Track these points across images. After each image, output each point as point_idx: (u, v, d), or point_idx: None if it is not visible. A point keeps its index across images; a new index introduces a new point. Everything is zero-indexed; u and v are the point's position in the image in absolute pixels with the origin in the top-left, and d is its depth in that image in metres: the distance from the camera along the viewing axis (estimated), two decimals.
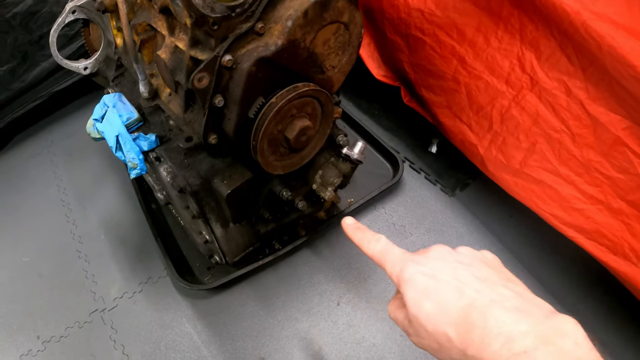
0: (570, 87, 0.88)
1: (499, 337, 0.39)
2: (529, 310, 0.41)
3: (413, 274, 0.47)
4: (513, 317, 0.40)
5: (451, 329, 0.42)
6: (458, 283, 0.44)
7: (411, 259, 0.49)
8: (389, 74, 1.30)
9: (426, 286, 0.45)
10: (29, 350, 1.07)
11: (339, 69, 0.84)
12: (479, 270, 0.46)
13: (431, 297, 0.44)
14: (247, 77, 0.70)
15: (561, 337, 0.38)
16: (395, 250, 0.51)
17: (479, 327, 0.40)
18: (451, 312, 0.43)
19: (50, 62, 1.42)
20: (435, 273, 0.46)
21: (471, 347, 0.40)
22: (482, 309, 0.41)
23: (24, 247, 1.26)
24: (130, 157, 0.87)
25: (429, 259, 0.48)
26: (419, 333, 0.46)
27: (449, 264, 0.47)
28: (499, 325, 0.39)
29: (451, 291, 0.44)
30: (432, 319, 0.44)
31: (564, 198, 0.95)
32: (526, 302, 0.42)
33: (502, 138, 1.03)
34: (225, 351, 1.02)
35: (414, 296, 0.45)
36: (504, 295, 0.42)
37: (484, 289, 0.43)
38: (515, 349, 0.37)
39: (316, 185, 0.98)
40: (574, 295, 1.09)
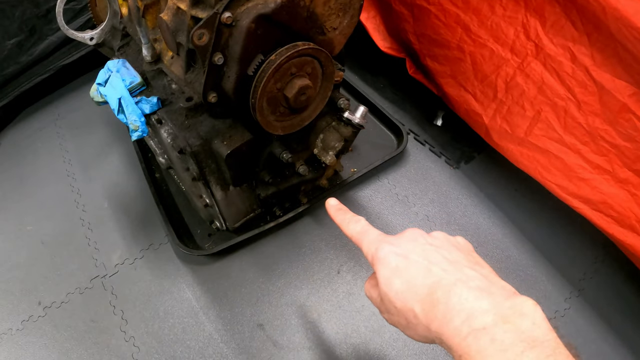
0: (575, 53, 0.87)
1: (461, 313, 0.41)
2: (491, 291, 0.42)
3: (386, 253, 0.49)
4: (475, 296, 0.42)
5: (417, 306, 0.44)
6: (427, 263, 0.46)
7: (386, 240, 0.51)
8: (395, 46, 1.29)
9: (397, 265, 0.47)
10: (30, 316, 1.08)
11: (340, 31, 0.84)
12: (449, 252, 0.48)
13: (401, 275, 0.47)
14: (247, 34, 0.70)
15: (520, 317, 0.39)
16: (373, 231, 0.54)
17: (443, 304, 0.42)
18: (418, 290, 0.45)
19: (57, 36, 1.43)
20: (407, 253, 0.48)
21: (434, 323, 0.42)
22: (447, 287, 0.43)
23: (29, 216, 1.27)
24: (132, 119, 0.87)
25: (402, 240, 0.51)
26: (389, 310, 0.49)
27: (420, 245, 0.49)
28: (461, 302, 0.41)
29: (420, 270, 0.46)
30: (401, 295, 0.46)
31: (570, 168, 0.94)
32: (490, 283, 0.44)
33: (507, 107, 1.01)
34: (224, 317, 1.03)
35: (385, 274, 0.48)
36: (469, 275, 0.44)
37: (450, 269, 0.45)
38: (475, 325, 0.39)
39: (317, 150, 0.98)
40: (580, 270, 1.07)
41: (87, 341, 1.02)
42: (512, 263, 1.08)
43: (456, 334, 0.40)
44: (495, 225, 1.14)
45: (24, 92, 1.47)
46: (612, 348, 0.96)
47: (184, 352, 0.99)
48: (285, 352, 0.97)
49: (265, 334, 1.00)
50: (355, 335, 0.99)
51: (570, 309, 1.01)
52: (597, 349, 0.96)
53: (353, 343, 0.97)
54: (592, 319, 1.00)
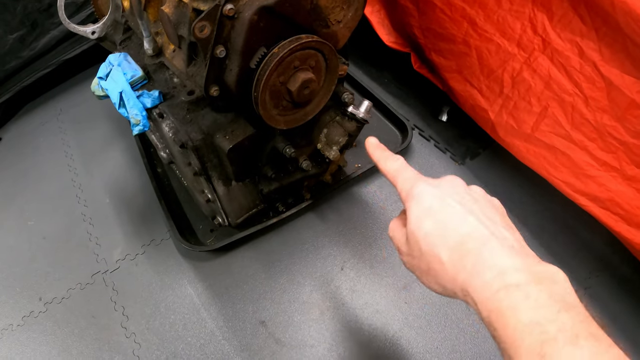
0: (583, 48, 0.85)
1: (493, 268, 0.39)
2: (525, 253, 0.41)
3: (422, 191, 0.46)
4: (508, 253, 0.40)
5: (445, 252, 0.42)
6: (463, 210, 0.44)
7: (424, 179, 0.49)
8: (399, 40, 1.28)
9: (431, 205, 0.45)
10: (31, 312, 1.07)
11: (344, 24, 0.83)
12: (486, 208, 0.46)
13: (434, 216, 0.44)
14: (249, 27, 0.69)
15: (552, 282, 0.38)
16: (410, 170, 0.51)
17: (474, 255, 0.40)
18: (450, 236, 0.42)
19: (59, 30, 1.42)
20: (444, 195, 0.45)
21: (462, 274, 0.40)
22: (480, 239, 0.41)
23: (30, 211, 1.27)
24: (133, 113, 0.86)
25: (441, 182, 0.48)
26: (412, 251, 0.46)
27: (459, 192, 0.47)
28: (493, 257, 0.39)
29: (455, 215, 0.43)
30: (429, 238, 0.43)
31: (577, 164, 0.93)
32: (522, 247, 0.42)
33: (513, 102, 1.00)
34: (225, 314, 1.02)
35: (417, 212, 0.45)
36: (504, 235, 0.42)
37: (487, 223, 0.43)
38: (508, 281, 0.37)
39: (321, 145, 0.97)
40: (586, 268, 1.06)
41: (88, 337, 1.02)
42: None
43: (486, 288, 0.38)
44: None
45: (26, 86, 1.47)
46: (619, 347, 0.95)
47: (185, 349, 0.98)
48: (288, 349, 0.97)
49: (267, 331, 0.99)
50: (358, 332, 0.98)
51: None
52: None
53: (356, 341, 0.96)
54: (598, 317, 0.97)
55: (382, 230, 1.12)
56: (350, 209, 1.16)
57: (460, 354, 0.94)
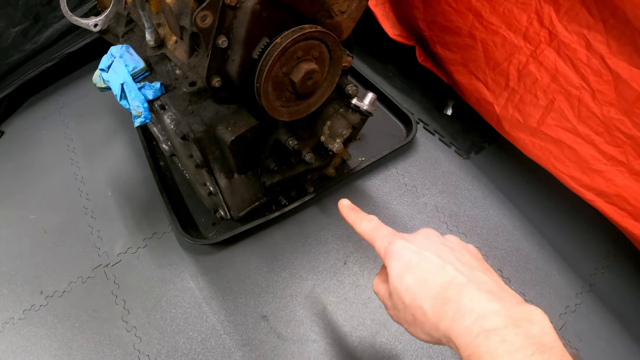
0: (590, 40, 0.84)
1: (472, 313, 0.40)
2: (502, 296, 0.42)
3: (399, 247, 0.49)
4: (487, 298, 0.41)
5: (427, 303, 0.44)
6: (440, 261, 0.46)
7: (400, 235, 0.51)
8: (404, 33, 1.26)
9: (410, 260, 0.47)
10: (32, 305, 1.07)
11: (348, 15, 0.81)
12: (462, 255, 0.48)
13: (413, 270, 0.46)
14: (251, 16, 0.68)
15: (529, 323, 0.39)
16: (385, 228, 0.54)
17: (454, 303, 0.42)
18: (430, 287, 0.44)
19: (62, 24, 1.41)
20: (421, 250, 0.48)
21: (444, 321, 0.42)
22: (459, 286, 0.43)
23: (32, 205, 1.26)
24: (135, 105, 0.86)
25: (416, 237, 0.50)
26: (397, 305, 0.48)
27: (435, 243, 0.49)
28: (473, 302, 0.41)
29: (433, 267, 0.46)
30: (412, 291, 0.45)
31: (583, 159, 0.91)
32: (501, 289, 0.44)
33: (519, 96, 0.99)
34: (227, 308, 1.01)
35: (397, 268, 0.47)
36: (482, 279, 0.44)
37: (464, 270, 0.45)
38: (486, 326, 0.39)
39: (324, 137, 0.96)
40: (591, 264, 1.05)
41: (89, 331, 1.01)
42: (522, 256, 1.05)
43: (466, 333, 0.40)
44: (505, 217, 1.11)
45: (29, 80, 1.46)
46: (624, 345, 0.94)
47: (186, 343, 0.97)
48: (289, 344, 0.96)
49: (269, 326, 0.98)
50: (361, 328, 0.97)
51: (582, 304, 0.99)
52: (608, 345, 0.94)
53: (359, 336, 0.96)
54: (604, 315, 0.98)
55: (385, 224, 1.10)
56: (354, 203, 1.14)
57: None
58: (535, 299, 0.99)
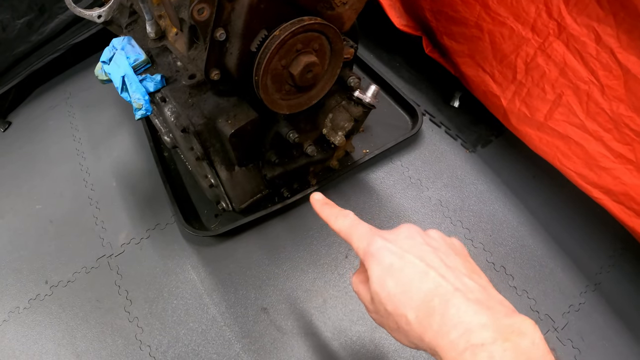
0: (600, 34, 0.82)
1: (458, 326, 0.38)
2: (491, 305, 0.40)
3: (379, 249, 0.45)
4: (474, 309, 0.39)
5: (411, 312, 0.41)
6: (424, 265, 0.43)
7: (379, 234, 0.47)
8: (411, 23, 1.24)
9: (391, 264, 0.44)
10: (37, 295, 1.08)
11: (350, 5, 0.80)
12: (446, 256, 0.45)
13: (395, 276, 0.43)
14: (249, 9, 0.66)
15: (519, 336, 0.37)
16: (363, 225, 0.50)
17: (439, 314, 0.39)
18: (413, 295, 0.41)
19: (67, 15, 1.41)
20: (403, 252, 0.44)
21: (429, 333, 0.40)
22: (445, 296, 0.40)
23: (38, 195, 1.27)
24: (136, 97, 0.85)
25: (397, 236, 0.46)
26: (379, 311, 0.45)
27: (417, 244, 0.45)
28: (459, 314, 0.39)
29: (416, 273, 0.42)
30: (394, 298, 0.42)
31: (591, 155, 0.89)
32: (489, 296, 0.41)
33: (526, 89, 0.96)
34: (228, 300, 1.01)
35: (378, 273, 0.44)
36: (468, 286, 0.41)
37: (449, 276, 0.42)
38: (473, 340, 0.37)
39: (326, 130, 0.94)
40: (597, 263, 1.03)
41: (92, 320, 1.02)
42: (527, 253, 1.04)
43: (452, 348, 0.38)
44: (510, 212, 1.10)
45: (36, 71, 1.46)
46: (627, 346, 0.92)
47: (186, 334, 0.98)
48: (289, 337, 0.96)
49: (269, 318, 0.98)
50: (361, 322, 0.96)
51: (586, 303, 0.97)
52: (611, 346, 0.92)
53: (358, 330, 0.95)
54: (608, 315, 0.96)
55: (388, 217, 1.10)
56: (357, 196, 1.14)
57: None
58: (538, 297, 0.98)
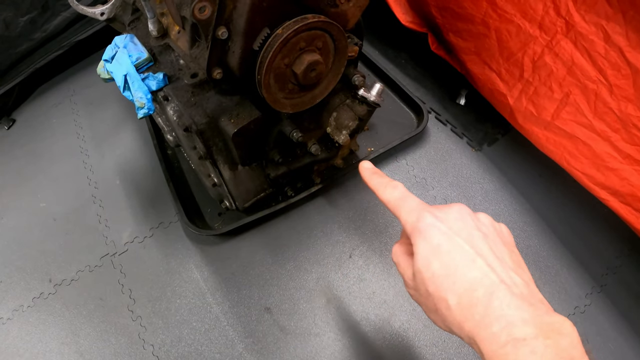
0: (608, 32, 0.80)
1: (501, 319, 0.38)
2: (533, 302, 0.39)
3: (428, 226, 0.44)
4: (517, 304, 0.38)
5: (453, 298, 0.41)
6: (473, 252, 0.42)
7: (429, 210, 0.46)
8: (416, 20, 1.22)
9: (439, 244, 0.43)
10: (41, 293, 1.08)
11: (354, 3, 0.78)
12: (495, 244, 0.44)
13: (442, 258, 0.42)
14: (251, 7, 0.65)
15: (559, 335, 0.37)
16: (413, 198, 0.49)
17: (482, 305, 0.39)
18: (457, 281, 0.41)
19: (70, 12, 1.40)
20: (452, 234, 0.43)
21: (469, 322, 0.40)
22: (490, 287, 0.40)
23: (42, 193, 1.27)
24: (138, 96, 0.85)
25: (447, 215, 0.45)
26: (419, 289, 0.45)
27: (467, 228, 0.44)
28: (502, 308, 0.38)
29: (463, 258, 0.42)
30: (437, 280, 0.42)
31: (598, 156, 0.88)
32: (531, 293, 0.41)
33: (533, 88, 0.95)
34: (231, 299, 1.01)
35: (424, 251, 0.43)
36: (514, 280, 0.41)
37: (496, 266, 0.41)
38: (515, 334, 0.37)
39: (330, 129, 0.94)
40: (603, 264, 1.02)
41: (95, 319, 1.02)
42: (533, 253, 1.03)
43: (493, 341, 0.38)
44: (516, 212, 1.09)
45: (39, 68, 1.46)
46: (632, 348, 0.91)
47: (189, 334, 0.98)
48: (292, 337, 0.95)
49: (272, 318, 0.98)
50: (364, 322, 0.96)
51: (591, 305, 0.96)
52: (616, 348, 0.91)
53: (362, 331, 0.95)
54: (613, 317, 0.95)
55: (392, 218, 1.09)
56: (361, 195, 1.13)
57: (467, 347, 0.91)
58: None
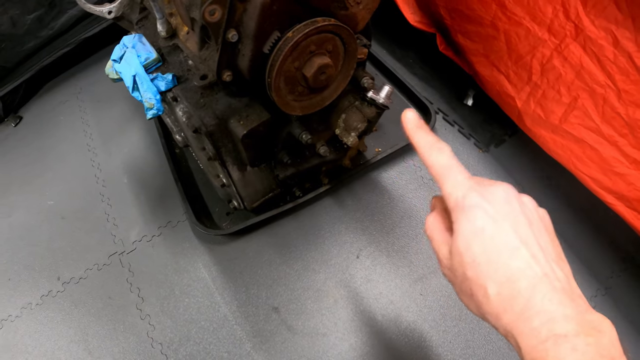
0: (618, 37, 0.80)
1: (542, 314, 0.36)
2: (574, 298, 0.38)
3: (474, 205, 0.41)
4: (559, 299, 0.37)
5: (493, 287, 0.39)
6: (517, 240, 0.40)
7: (476, 188, 0.43)
8: (425, 20, 1.22)
9: (484, 227, 0.40)
10: (49, 291, 1.09)
11: (364, 5, 0.78)
12: (539, 233, 0.41)
13: (485, 242, 0.40)
14: (262, 10, 0.65)
15: (599, 333, 0.36)
16: (460, 170, 0.45)
17: (524, 298, 0.37)
18: (499, 269, 0.39)
19: (77, 10, 1.41)
20: (498, 217, 0.41)
21: (508, 315, 0.38)
22: (532, 279, 0.38)
23: (50, 191, 1.28)
24: (147, 97, 0.85)
25: (494, 196, 0.42)
26: (455, 271, 0.42)
27: (514, 212, 0.42)
28: (544, 302, 0.37)
29: (507, 246, 0.40)
30: (476, 265, 0.40)
31: (605, 160, 0.88)
32: (572, 288, 0.39)
33: (541, 91, 0.95)
34: (239, 299, 1.02)
35: (466, 232, 0.41)
36: (556, 273, 0.39)
37: (540, 258, 0.39)
38: (557, 330, 0.35)
39: (339, 130, 0.94)
40: (608, 267, 1.02)
41: (104, 318, 1.03)
42: None
43: (533, 335, 0.36)
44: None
45: (46, 66, 1.46)
46: (637, 353, 0.92)
47: (197, 333, 0.98)
48: (299, 337, 0.96)
49: (280, 318, 0.99)
50: (371, 323, 0.96)
51: (596, 307, 0.95)
52: None
53: (369, 332, 0.95)
54: (618, 320, 0.95)
55: (400, 218, 1.09)
56: (369, 195, 1.14)
57: (474, 349, 0.92)
58: None
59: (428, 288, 1.00)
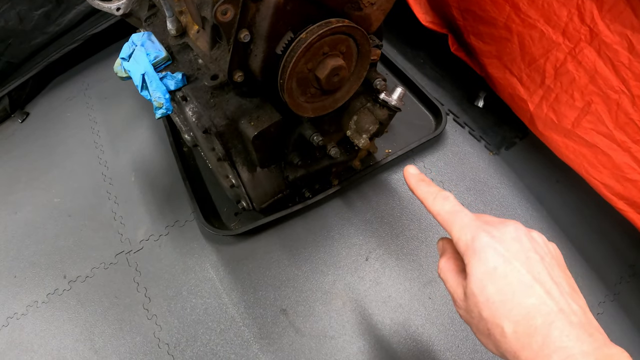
0: (633, 42, 0.79)
1: (560, 351, 0.37)
2: (592, 332, 0.38)
3: (485, 246, 0.42)
4: (577, 334, 0.37)
5: (509, 325, 0.39)
6: (530, 277, 0.40)
7: (484, 228, 0.44)
8: (437, 20, 1.21)
9: (496, 267, 0.41)
10: (55, 289, 1.09)
11: (378, 6, 0.78)
12: (552, 268, 0.42)
13: (498, 282, 0.41)
14: (275, 10, 0.64)
15: None
16: (466, 213, 0.46)
17: (541, 335, 0.38)
18: (514, 308, 0.39)
19: (85, 5, 1.40)
20: (509, 256, 0.42)
21: (526, 352, 0.38)
22: (548, 316, 0.38)
23: (57, 188, 1.27)
24: (156, 96, 0.84)
25: (503, 234, 0.43)
26: (471, 312, 0.43)
27: (525, 250, 0.42)
28: (562, 339, 0.37)
29: (521, 284, 0.40)
30: (492, 306, 0.40)
31: (617, 166, 0.87)
32: (589, 322, 0.39)
33: (554, 94, 0.94)
34: (247, 300, 1.01)
35: (479, 274, 0.42)
36: (572, 307, 0.39)
37: (554, 293, 0.40)
38: None
39: (350, 132, 0.93)
40: (617, 273, 1.02)
41: (110, 317, 1.03)
42: None
43: None
44: (533, 218, 1.08)
45: (53, 62, 1.46)
46: None
47: (205, 334, 0.98)
48: (307, 339, 0.95)
49: (287, 320, 0.98)
50: (379, 326, 0.96)
51: (604, 314, 0.96)
52: None
53: (377, 335, 0.95)
54: (626, 326, 0.95)
55: (409, 221, 1.09)
56: (379, 197, 1.13)
57: (481, 354, 0.91)
58: None
59: (437, 292, 0.99)
